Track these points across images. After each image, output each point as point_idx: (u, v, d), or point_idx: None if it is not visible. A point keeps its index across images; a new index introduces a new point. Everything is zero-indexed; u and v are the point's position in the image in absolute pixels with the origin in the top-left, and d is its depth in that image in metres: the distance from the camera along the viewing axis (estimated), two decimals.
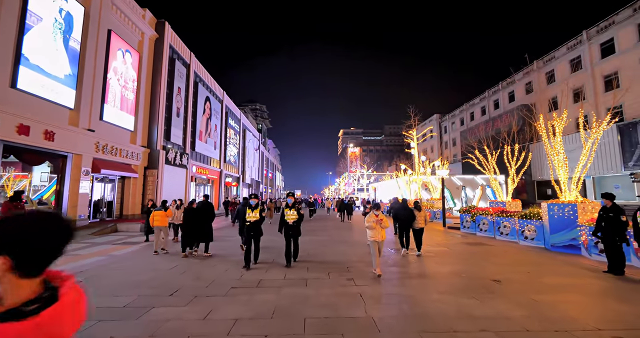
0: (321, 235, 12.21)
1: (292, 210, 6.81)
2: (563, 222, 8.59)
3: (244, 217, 6.69)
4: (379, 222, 5.91)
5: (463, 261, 7.44)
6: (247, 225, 6.62)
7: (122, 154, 16.24)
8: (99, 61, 14.69)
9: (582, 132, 9.11)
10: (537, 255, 8.16)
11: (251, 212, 6.69)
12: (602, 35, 25.66)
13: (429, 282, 5.55)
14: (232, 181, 36.24)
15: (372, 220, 5.96)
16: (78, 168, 13.35)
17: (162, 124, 19.70)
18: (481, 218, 12.23)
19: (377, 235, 5.91)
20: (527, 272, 6.30)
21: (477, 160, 14.19)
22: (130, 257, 8.12)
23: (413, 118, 19.54)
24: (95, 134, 14.21)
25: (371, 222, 5.94)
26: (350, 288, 5.13)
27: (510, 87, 36.64)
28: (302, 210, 7.08)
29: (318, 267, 6.75)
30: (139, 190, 17.98)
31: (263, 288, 5.18)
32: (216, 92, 30.80)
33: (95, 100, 14.52)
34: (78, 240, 10.87)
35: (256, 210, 6.76)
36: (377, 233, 5.91)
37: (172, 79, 21.11)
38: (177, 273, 6.28)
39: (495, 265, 6.90)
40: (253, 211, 6.71)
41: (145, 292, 4.99)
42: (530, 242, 9.75)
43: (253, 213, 6.70)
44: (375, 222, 5.92)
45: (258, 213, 6.76)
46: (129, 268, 6.79)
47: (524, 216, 10.09)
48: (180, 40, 22.58)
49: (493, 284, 5.39)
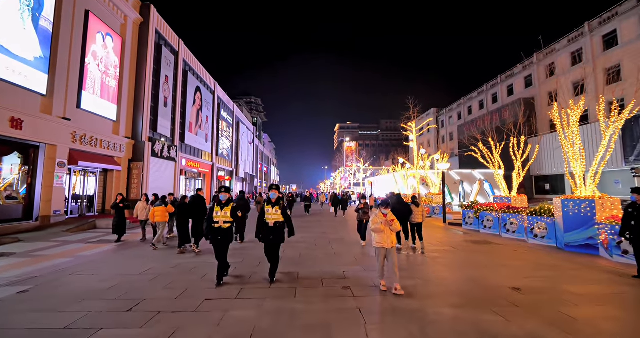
0: (314, 232, 11.40)
1: (274, 208, 5.18)
2: (579, 220, 7.85)
3: (212, 217, 5.16)
4: (388, 223, 4.76)
5: (473, 263, 6.68)
6: (214, 228, 5.09)
7: (103, 145, 15.18)
8: (75, 44, 13.54)
9: (602, 122, 8.33)
10: (551, 256, 7.43)
11: (220, 211, 5.12)
12: (604, 27, 24.95)
13: (440, 291, 4.75)
14: (225, 175, 35.24)
15: (379, 221, 4.79)
16: (52, 159, 12.31)
17: (148, 114, 18.60)
18: (485, 215, 11.51)
19: (385, 241, 4.76)
20: (547, 277, 5.55)
21: (481, 153, 13.40)
22: (99, 258, 7.22)
23: (412, 109, 18.68)
24: (71, 123, 13.13)
25: (378, 223, 4.77)
26: (347, 301, 4.31)
27: (509, 81, 35.95)
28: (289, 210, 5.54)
29: (309, 271, 5.93)
30: (123, 183, 16.97)
31: (243, 301, 4.34)
32: (207, 82, 29.58)
33: (72, 86, 13.41)
34: (48, 238, 9.93)
35: (227, 208, 5.16)
36: (385, 238, 4.76)
37: (159, 67, 19.93)
38: (146, 279, 5.42)
39: (509, 269, 6.14)
40: (223, 209, 5.14)
41: (99, 307, 4.12)
42: (541, 241, 9.03)
43: (222, 212, 5.12)
44: (383, 223, 4.77)
45: (229, 214, 5.14)
46: (92, 272, 5.90)
47: (534, 213, 9.36)
48: (168, 26, 21.32)
49: (514, 294, 4.62)
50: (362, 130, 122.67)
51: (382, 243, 4.79)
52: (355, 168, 51.21)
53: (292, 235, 5.35)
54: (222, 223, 5.07)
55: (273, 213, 5.17)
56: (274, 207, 5.19)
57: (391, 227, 4.77)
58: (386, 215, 4.82)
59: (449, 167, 14.25)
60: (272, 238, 5.14)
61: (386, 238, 4.77)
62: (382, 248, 4.82)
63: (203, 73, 28.37)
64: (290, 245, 8.78)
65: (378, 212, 4.95)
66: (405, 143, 22.86)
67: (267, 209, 5.21)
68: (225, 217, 5.12)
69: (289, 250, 8.00)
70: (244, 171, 44.05)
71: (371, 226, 4.84)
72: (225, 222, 5.11)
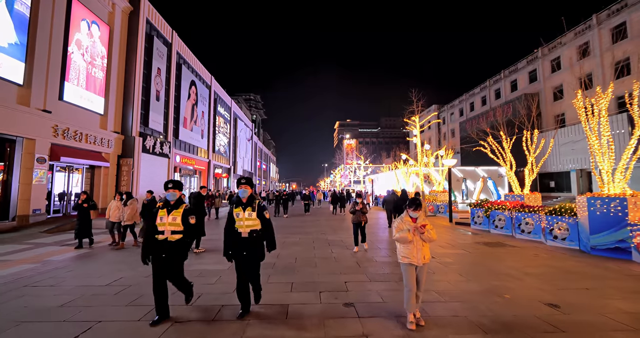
0: (312, 233, 10.58)
1: (247, 211, 3.65)
2: (608, 220, 7.02)
3: (152, 225, 3.60)
4: (418, 230, 3.46)
5: (491, 270, 5.84)
6: (156, 241, 3.56)
7: (89, 139, 14.32)
8: (56, 31, 12.63)
9: (635, 113, 7.50)
10: (579, 261, 6.60)
11: (166, 216, 3.58)
12: (613, 19, 24.05)
13: (464, 311, 3.91)
14: (222, 172, 34.38)
15: (405, 227, 3.51)
16: (31, 154, 11.45)
17: (139, 108, 17.72)
18: (497, 214, 10.67)
19: (415, 255, 3.45)
20: (585, 288, 4.72)
21: (490, 148, 12.56)
22: (67, 264, 6.38)
23: (416, 103, 17.78)
24: (52, 115, 12.26)
25: (404, 230, 3.50)
26: (351, 326, 3.47)
27: (512, 76, 35.08)
28: (267, 212, 3.82)
29: (305, 281, 5.09)
30: (112, 181, 16.13)
31: (219, 324, 3.51)
32: (203, 77, 28.64)
33: (53, 76, 12.52)
34: (21, 240, 9.09)
35: (176, 212, 3.63)
36: (415, 251, 3.46)
37: (150, 58, 19.01)
38: (112, 292, 4.57)
39: (536, 278, 5.30)
40: (171, 214, 3.60)
41: (34, 334, 3.28)
42: (561, 243, 8.20)
43: (170, 217, 3.58)
44: (412, 230, 3.47)
45: (180, 220, 3.62)
46: (53, 283, 5.07)
47: (553, 212, 8.52)
48: (160, 16, 20.38)
49: (552, 313, 3.79)
50: (362, 128, 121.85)
51: (411, 259, 3.47)
52: (355, 165, 50.38)
53: (272, 248, 3.84)
54: (168, 234, 3.56)
55: (245, 218, 3.65)
56: (246, 209, 3.67)
57: (422, 235, 3.48)
58: (415, 220, 3.57)
59: (455, 163, 13.43)
60: (247, 254, 3.62)
61: (416, 252, 3.47)
62: (410, 266, 3.49)
63: (198, 67, 27.43)
64: (286, 247, 7.97)
65: (404, 215, 3.65)
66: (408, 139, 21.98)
67: (237, 213, 3.68)
68: (174, 225, 3.59)
69: (283, 253, 7.18)
70: (242, 168, 43.20)
71: (394, 234, 3.61)
72: (174, 232, 3.58)
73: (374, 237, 9.88)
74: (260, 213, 3.71)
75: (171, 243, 3.55)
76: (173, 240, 3.56)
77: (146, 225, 3.87)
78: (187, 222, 3.66)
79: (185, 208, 3.72)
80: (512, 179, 11.82)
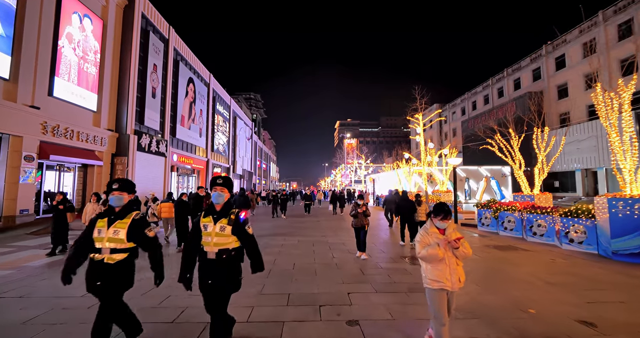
0: (312, 235, 10.06)
1: (219, 224, 2.68)
2: (632, 223, 6.50)
3: (87, 241, 2.64)
4: (452, 245, 2.67)
5: (509, 278, 5.32)
6: (92, 263, 2.60)
7: (81, 137, 13.80)
8: (45, 23, 12.11)
9: None
10: (602, 267, 6.08)
11: (106, 229, 2.61)
12: (619, 16, 23.52)
13: (484, 328, 3.39)
14: (222, 172, 33.85)
15: (432, 241, 2.73)
16: (18, 152, 10.94)
17: (134, 105, 17.20)
18: (506, 215, 10.15)
19: (449, 277, 2.67)
20: (618, 302, 4.20)
21: (498, 146, 12.03)
22: (44, 271, 5.86)
23: (419, 100, 17.24)
24: (41, 112, 11.75)
25: (432, 246, 2.69)
26: None
27: (516, 74, 34.52)
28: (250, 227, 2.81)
29: (304, 293, 4.57)
30: (106, 180, 15.59)
31: None
32: (201, 74, 28.10)
33: (42, 71, 12.01)
34: (4, 243, 8.58)
35: (121, 223, 2.65)
36: (448, 272, 2.68)
37: (146, 54, 18.49)
38: (86, 305, 4.02)
39: (559, 288, 4.78)
40: (112, 225, 2.63)
41: None
42: (578, 247, 7.68)
43: (111, 231, 2.61)
44: (442, 245, 2.69)
45: (125, 235, 2.63)
46: (23, 293, 4.55)
47: (569, 213, 7.99)
48: (157, 11, 19.84)
49: (588, 333, 3.27)
50: (362, 127, 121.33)
51: (443, 283, 2.65)
52: (356, 164, 49.85)
53: (258, 270, 2.78)
54: (106, 253, 2.56)
55: (215, 233, 2.64)
56: (218, 222, 2.66)
57: (456, 250, 2.68)
58: (443, 231, 2.78)
59: (460, 162, 12.90)
60: (212, 282, 2.63)
61: (449, 273, 2.66)
62: (441, 292, 2.68)
63: (197, 64, 26.89)
64: (284, 251, 7.45)
65: (428, 226, 2.85)
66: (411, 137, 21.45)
67: (205, 225, 2.68)
68: (115, 241, 2.58)
69: (280, 258, 6.67)
70: (242, 168, 42.69)
71: (419, 251, 2.74)
72: (114, 251, 2.57)
73: (375, 239, 9.37)
74: (240, 228, 2.68)
75: (109, 266, 2.53)
76: (112, 262, 2.54)
77: (80, 237, 2.68)
78: (141, 236, 2.67)
79: (135, 219, 2.67)
80: (521, 179, 11.29)
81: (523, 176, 11.37)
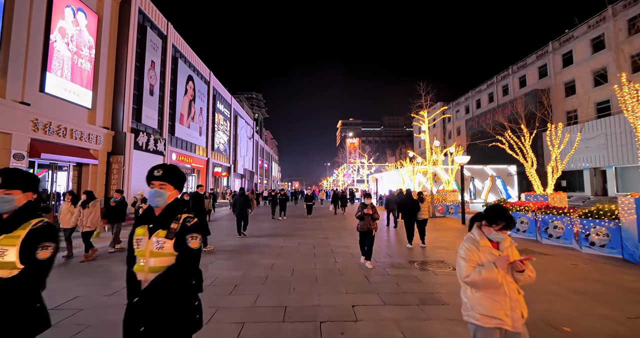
0: (314, 237, 9.54)
1: (155, 237, 1.73)
2: None
3: None
4: (516, 267, 1.90)
5: (531, 288, 4.74)
6: None
7: (74, 135, 13.36)
8: (35, 17, 11.67)
9: None
10: (630, 273, 5.51)
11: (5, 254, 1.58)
12: (629, 11, 22.81)
13: None
14: (222, 171, 33.43)
15: (486, 258, 1.96)
16: (7, 150, 10.50)
17: (130, 103, 16.75)
18: (518, 216, 9.60)
19: (508, 312, 1.88)
20: None
21: (508, 144, 11.48)
22: None
23: (424, 97, 16.67)
24: (32, 108, 11.30)
25: (487, 268, 1.88)
26: None
27: (521, 72, 33.84)
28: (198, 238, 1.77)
29: (303, 305, 4.05)
30: (101, 179, 15.18)
31: None
32: (201, 72, 27.65)
33: (32, 66, 11.56)
34: None
35: (8, 239, 1.61)
36: (505, 303, 1.89)
37: (144, 51, 18.04)
38: (55, 319, 3.56)
39: (590, 299, 4.24)
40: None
41: None
42: (599, 250, 7.12)
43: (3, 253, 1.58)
44: (497, 265, 1.88)
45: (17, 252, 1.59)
46: None
47: (589, 214, 7.44)
48: (154, 7, 19.39)
49: None
50: (364, 127, 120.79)
51: (501, 319, 1.88)
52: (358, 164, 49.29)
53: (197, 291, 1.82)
54: None
55: (151, 252, 1.71)
56: (154, 234, 1.74)
57: (519, 274, 1.92)
58: (497, 244, 2.03)
59: (467, 160, 12.35)
60: (146, 329, 1.63)
61: (506, 303, 1.89)
62: (495, 332, 1.89)
63: (196, 61, 26.45)
64: (283, 255, 6.94)
65: (477, 237, 2.06)
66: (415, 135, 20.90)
67: (138, 239, 1.77)
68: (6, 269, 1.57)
69: (278, 263, 6.15)
70: (243, 167, 42.26)
71: (466, 273, 1.95)
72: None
73: (380, 241, 8.84)
74: (181, 243, 1.71)
75: None
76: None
77: None
78: (31, 258, 1.62)
79: (33, 229, 1.68)
80: (533, 178, 10.73)
81: (535, 175, 10.81)
